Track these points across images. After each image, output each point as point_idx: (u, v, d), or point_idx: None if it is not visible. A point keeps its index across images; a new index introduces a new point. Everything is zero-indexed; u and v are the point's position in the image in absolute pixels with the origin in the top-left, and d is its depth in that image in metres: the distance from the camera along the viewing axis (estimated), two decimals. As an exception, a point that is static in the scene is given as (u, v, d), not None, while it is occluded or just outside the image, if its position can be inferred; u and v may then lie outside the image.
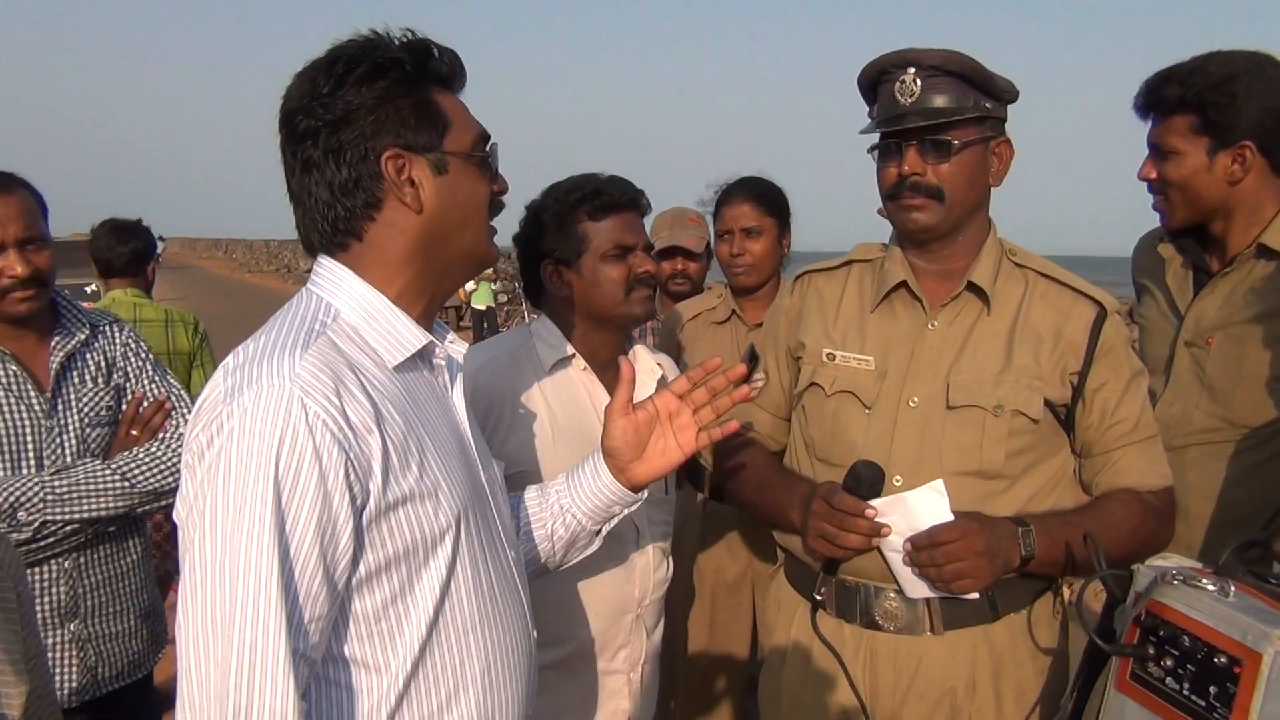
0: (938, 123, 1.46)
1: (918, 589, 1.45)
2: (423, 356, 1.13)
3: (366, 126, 1.04)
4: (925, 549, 1.39)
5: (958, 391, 1.49)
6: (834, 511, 1.42)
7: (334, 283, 1.08)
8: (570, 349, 1.68)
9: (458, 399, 1.18)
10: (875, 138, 1.55)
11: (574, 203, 1.65)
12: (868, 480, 1.41)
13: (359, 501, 0.97)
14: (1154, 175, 1.82)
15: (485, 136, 1.12)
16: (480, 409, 1.59)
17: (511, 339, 1.74)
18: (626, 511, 1.37)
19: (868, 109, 1.58)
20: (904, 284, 1.57)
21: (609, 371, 1.70)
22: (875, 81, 1.54)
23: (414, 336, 1.09)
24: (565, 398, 1.66)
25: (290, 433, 0.93)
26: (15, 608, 1.19)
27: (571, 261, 1.65)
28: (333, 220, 1.07)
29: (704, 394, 1.32)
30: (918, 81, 1.46)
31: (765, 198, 2.40)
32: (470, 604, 1.08)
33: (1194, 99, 1.72)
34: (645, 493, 1.37)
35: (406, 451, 1.02)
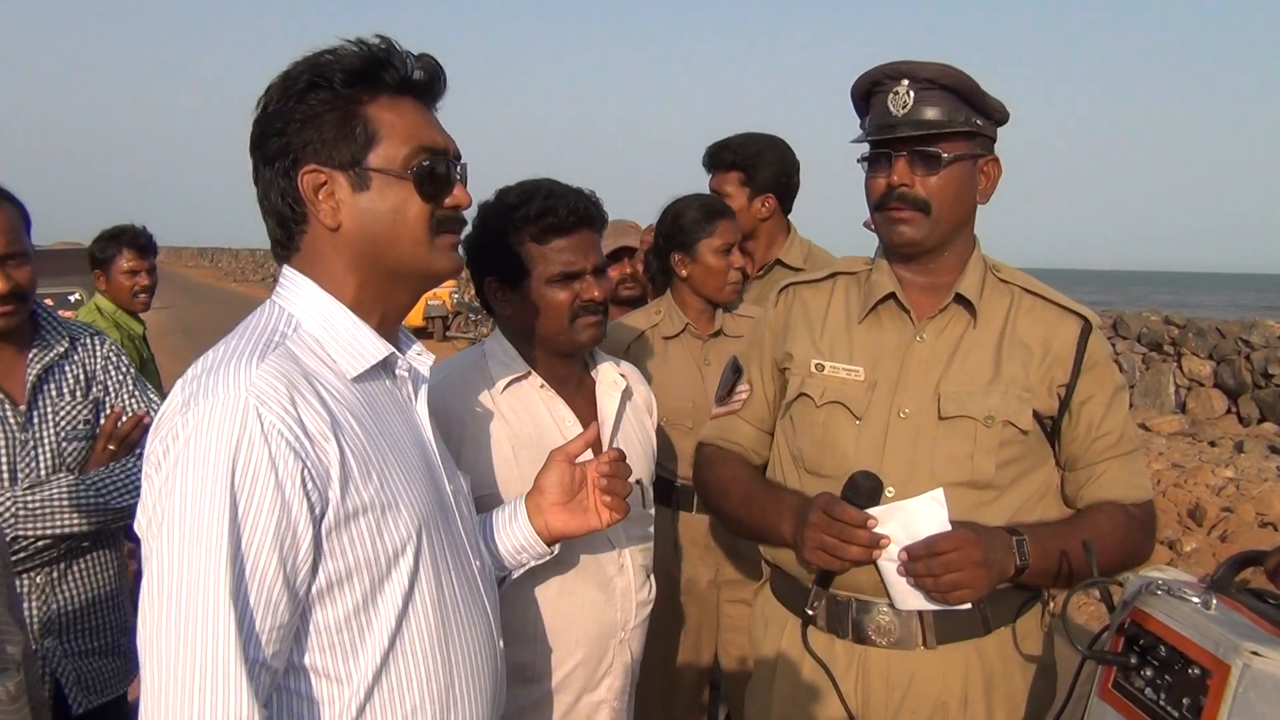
0: (928, 134, 1.46)
1: (911, 601, 1.44)
2: (385, 367, 1.13)
3: (294, 141, 1.05)
4: (922, 559, 1.38)
5: (949, 402, 1.49)
6: (833, 522, 1.41)
7: (295, 293, 1.09)
8: (525, 366, 1.61)
9: (422, 410, 1.18)
10: (865, 148, 1.55)
11: (517, 221, 1.54)
12: (866, 491, 1.40)
13: (318, 510, 0.98)
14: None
15: (428, 149, 1.08)
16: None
17: (464, 358, 1.68)
18: (534, 563, 1.42)
19: (860, 120, 1.58)
20: (892, 295, 1.57)
21: (568, 386, 1.65)
22: (868, 92, 1.54)
23: (374, 347, 1.09)
24: (524, 415, 1.60)
25: (246, 442, 0.93)
26: (9, 561, 1.19)
27: (513, 283, 1.57)
28: (273, 230, 1.10)
29: (603, 468, 1.39)
30: (911, 93, 1.47)
31: None
32: (434, 615, 1.08)
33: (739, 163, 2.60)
34: (556, 549, 1.42)
35: (366, 461, 1.02)
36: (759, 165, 2.60)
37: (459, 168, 1.13)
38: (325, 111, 1.05)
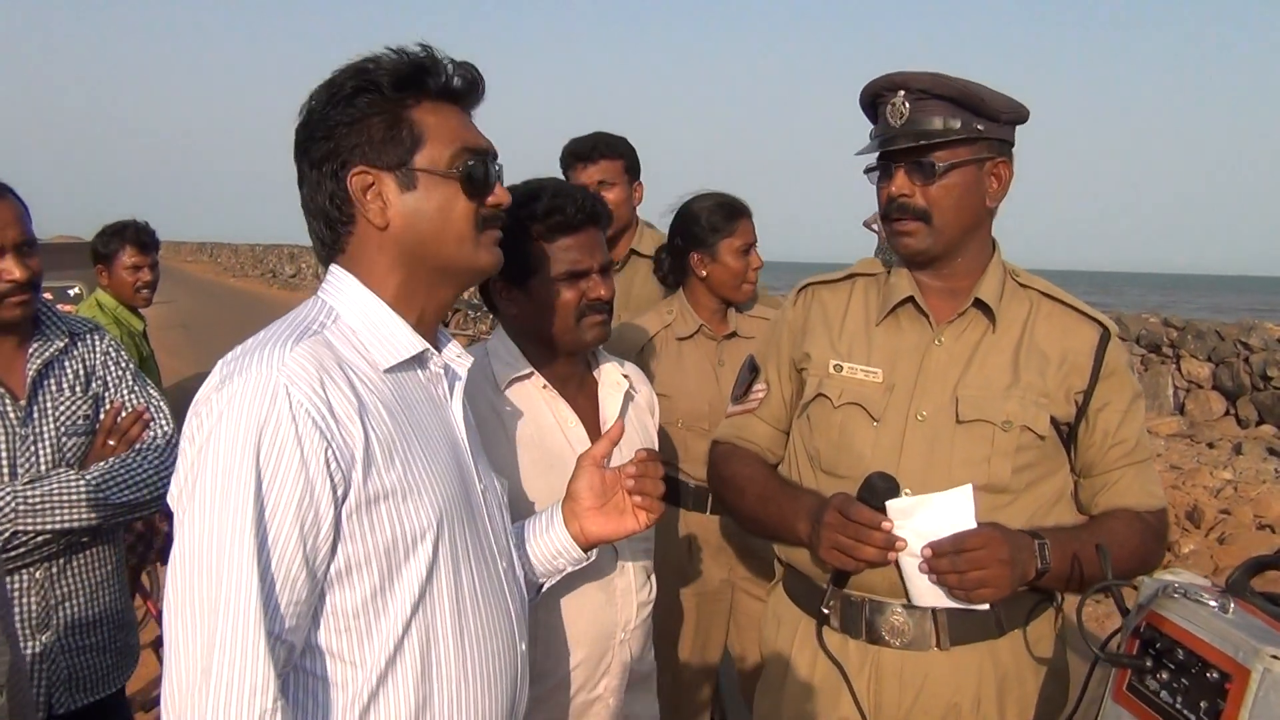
0: (924, 144, 1.47)
1: (929, 598, 1.44)
2: (420, 364, 1.16)
3: (342, 144, 1.10)
4: (948, 555, 1.38)
5: (967, 406, 1.49)
6: (848, 523, 1.41)
7: (339, 288, 1.14)
8: (528, 366, 1.60)
9: (457, 409, 1.20)
10: (873, 159, 1.56)
11: (524, 219, 1.52)
12: (882, 492, 1.40)
13: (340, 491, 1.00)
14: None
15: (472, 150, 1.13)
16: None
17: None
18: (571, 569, 1.41)
19: (871, 129, 1.58)
20: (910, 299, 1.57)
21: (570, 386, 1.63)
22: (874, 103, 1.55)
23: (409, 342, 1.13)
24: (526, 416, 1.58)
25: (274, 419, 0.97)
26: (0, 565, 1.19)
27: (519, 282, 1.56)
28: (320, 232, 1.15)
29: (630, 469, 1.37)
30: (907, 104, 1.48)
31: None
32: (451, 608, 1.10)
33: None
34: (593, 554, 1.41)
35: (391, 448, 1.05)
36: (632, 155, 2.73)
37: (497, 168, 1.16)
38: (373, 115, 1.09)
